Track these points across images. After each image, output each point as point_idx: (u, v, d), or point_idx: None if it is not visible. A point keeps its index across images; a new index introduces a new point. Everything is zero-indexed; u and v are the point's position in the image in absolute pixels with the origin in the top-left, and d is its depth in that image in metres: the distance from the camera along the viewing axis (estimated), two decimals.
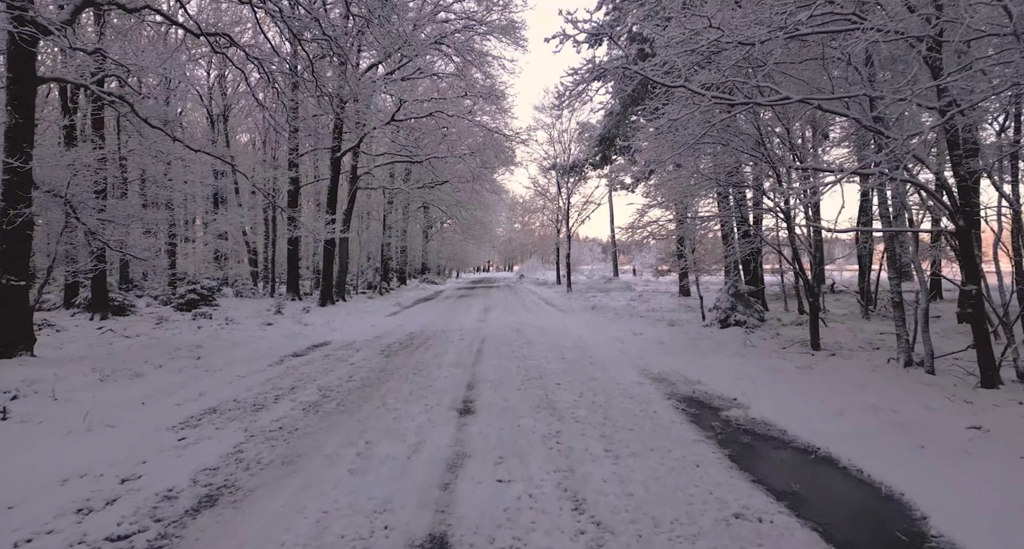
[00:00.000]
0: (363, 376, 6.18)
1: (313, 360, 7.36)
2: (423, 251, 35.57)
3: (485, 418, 4.44)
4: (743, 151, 7.87)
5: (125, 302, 13.32)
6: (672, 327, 10.78)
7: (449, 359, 7.17)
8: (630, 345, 8.66)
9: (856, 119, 5.77)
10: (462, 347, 8.17)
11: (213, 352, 7.59)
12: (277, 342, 8.82)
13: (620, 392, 5.47)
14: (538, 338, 9.23)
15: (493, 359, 7.15)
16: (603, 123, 18.95)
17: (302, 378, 6.12)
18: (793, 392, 5.38)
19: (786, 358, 7.10)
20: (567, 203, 24.28)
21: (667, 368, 6.81)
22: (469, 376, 6.08)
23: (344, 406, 4.85)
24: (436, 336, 9.56)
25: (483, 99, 14.99)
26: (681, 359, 7.41)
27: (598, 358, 7.39)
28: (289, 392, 5.44)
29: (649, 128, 9.34)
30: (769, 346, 8.22)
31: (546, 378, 6.01)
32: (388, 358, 7.37)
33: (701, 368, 6.78)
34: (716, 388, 5.75)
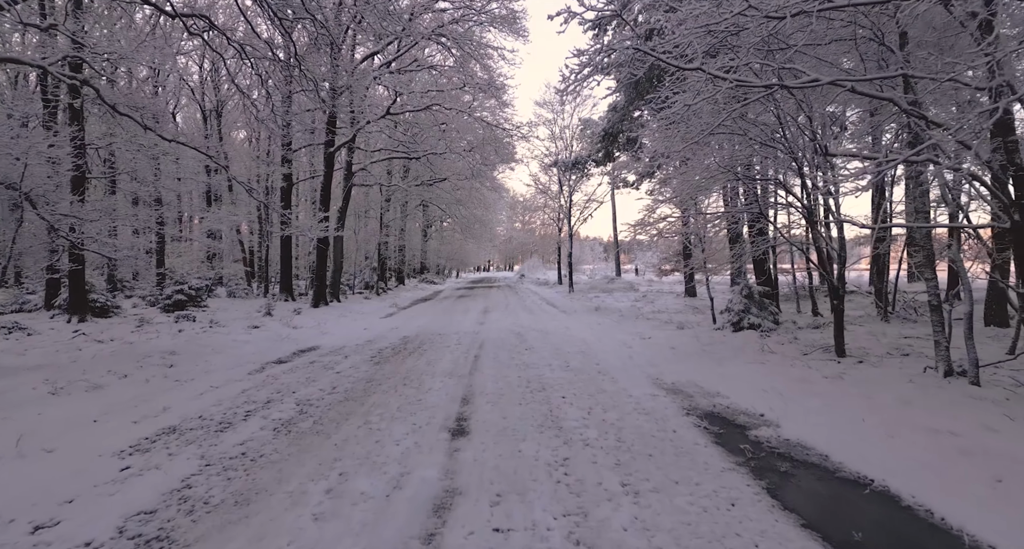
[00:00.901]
0: (348, 387, 5.61)
1: (296, 368, 6.79)
2: (422, 250, 34.98)
3: (481, 441, 3.86)
4: (761, 141, 7.29)
5: (108, 303, 12.74)
6: (681, 330, 10.20)
7: (443, 367, 6.59)
8: (639, 351, 8.08)
9: (892, 101, 5.19)
10: (458, 353, 7.59)
11: (188, 359, 7.01)
12: (261, 347, 8.25)
13: (633, 407, 4.89)
14: (540, 343, 8.65)
15: (492, 367, 6.57)
16: (607, 117, 18.38)
17: (281, 389, 5.54)
18: (827, 407, 4.80)
19: (811, 366, 6.52)
20: (569, 201, 23.68)
21: (681, 377, 6.23)
22: (464, 388, 5.50)
23: (321, 425, 4.27)
24: (431, 341, 8.98)
25: (482, 92, 14.39)
26: (695, 367, 6.84)
27: (606, 366, 6.81)
28: (263, 407, 4.86)
29: (656, 121, 8.76)
30: (788, 352, 7.63)
31: (550, 390, 5.43)
32: (378, 366, 6.79)
33: (719, 378, 6.20)
34: (739, 401, 5.17)
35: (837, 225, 7.08)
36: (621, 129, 18.84)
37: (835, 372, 6.09)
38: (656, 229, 10.32)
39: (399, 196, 25.19)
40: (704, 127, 7.18)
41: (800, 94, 7.01)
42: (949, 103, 7.55)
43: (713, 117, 7.37)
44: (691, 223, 10.08)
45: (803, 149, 7.18)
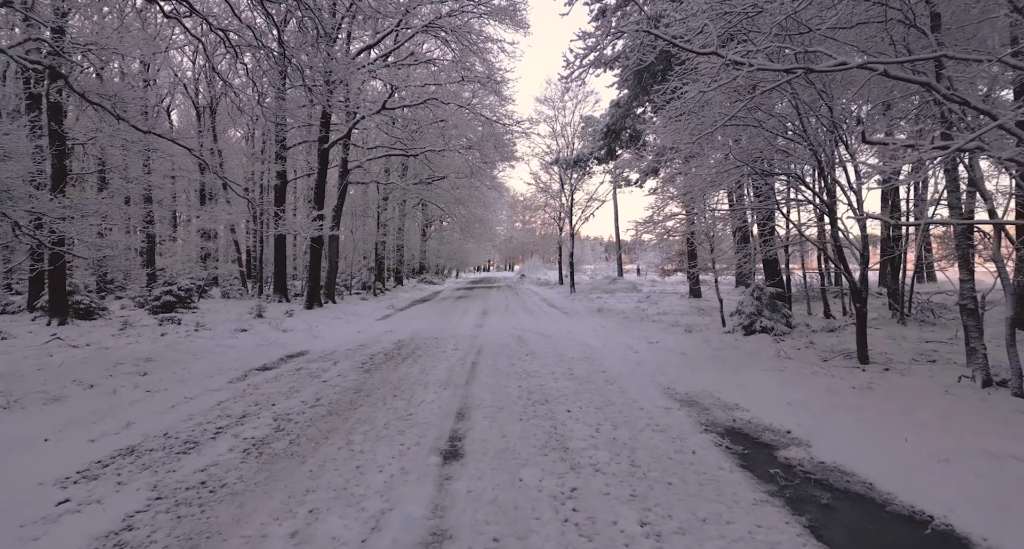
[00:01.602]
0: (333, 399, 5.14)
1: (281, 375, 6.32)
2: (421, 250, 34.51)
3: (476, 467, 3.39)
4: (777, 134, 6.82)
5: (93, 305, 12.27)
6: (690, 334, 9.72)
7: (438, 376, 6.12)
8: (647, 356, 7.61)
9: (929, 86, 4.71)
10: (455, 360, 7.13)
11: (165, 366, 6.55)
12: (246, 352, 7.79)
13: (646, 422, 4.42)
14: (542, 348, 8.18)
15: (490, 376, 6.10)
16: (609, 114, 17.91)
17: (260, 401, 5.08)
18: (861, 423, 4.33)
19: (834, 375, 6.04)
20: (570, 200, 23.21)
21: (695, 387, 5.77)
22: (460, 400, 5.03)
23: (298, 445, 3.80)
24: (427, 345, 8.51)
25: (481, 86, 13.92)
26: (709, 375, 6.37)
27: (613, 374, 6.34)
28: (237, 422, 4.39)
29: (664, 115, 8.30)
30: (807, 358, 7.16)
31: (553, 403, 4.96)
32: (368, 374, 6.33)
33: (736, 387, 5.73)
34: (761, 415, 4.70)
35: (859, 222, 6.62)
36: (624, 126, 18.38)
37: (862, 382, 5.62)
38: (663, 228, 9.84)
39: (397, 195, 24.73)
40: (716, 119, 6.72)
41: (820, 83, 6.56)
42: (977, 87, 7.09)
43: (726, 108, 6.91)
44: (700, 221, 9.61)
45: (823, 142, 6.72)
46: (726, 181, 7.01)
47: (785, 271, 10.33)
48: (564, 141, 23.01)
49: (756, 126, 6.87)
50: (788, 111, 6.85)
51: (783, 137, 6.74)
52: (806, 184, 6.67)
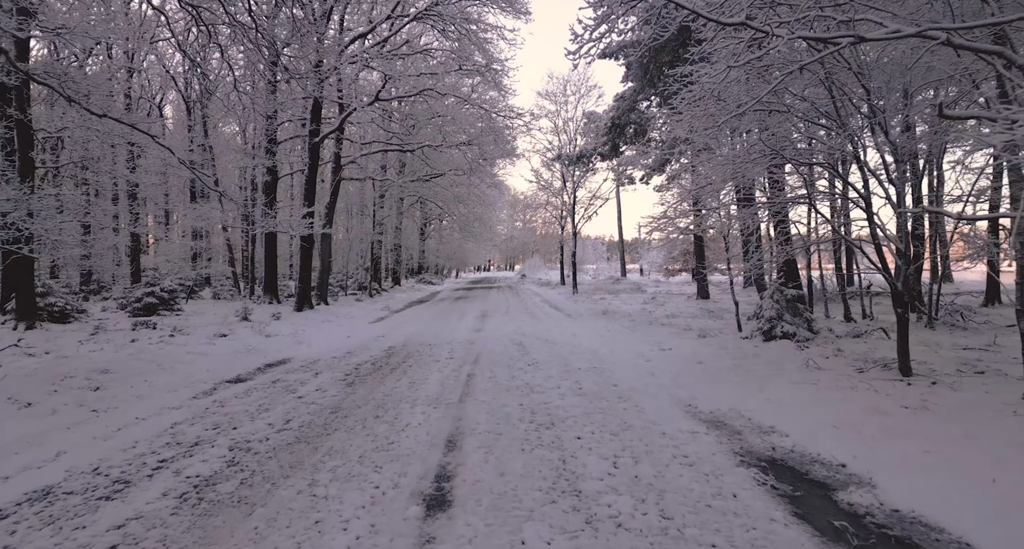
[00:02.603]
0: (305, 420, 4.44)
1: (253, 389, 5.63)
2: (420, 250, 33.80)
3: (467, 522, 2.69)
4: (807, 119, 6.12)
5: (69, 307, 11.58)
6: (704, 339, 9.02)
7: (429, 391, 5.41)
8: (660, 366, 6.91)
9: (1003, 56, 4.02)
10: (448, 371, 6.42)
11: (123, 379, 5.85)
12: (220, 361, 7.09)
13: (671, 452, 3.72)
14: (545, 356, 7.48)
15: (487, 392, 5.39)
16: (614, 108, 17.19)
17: (220, 424, 4.38)
18: (929, 455, 3.62)
19: (876, 389, 5.34)
20: (573, 197, 22.49)
21: (720, 404, 5.07)
22: (451, 423, 4.33)
23: (249, 488, 3.10)
24: (419, 353, 7.81)
25: (480, 76, 13.20)
26: (733, 388, 5.67)
27: (626, 387, 5.63)
28: (185, 453, 3.70)
29: (678, 101, 7.58)
30: (838, 368, 6.46)
31: (561, 426, 4.26)
32: (350, 388, 5.63)
33: (767, 404, 5.03)
34: (804, 442, 4.00)
35: (898, 217, 5.92)
36: (629, 120, 17.66)
37: (914, 400, 4.91)
38: (675, 226, 9.13)
39: (394, 192, 24.03)
40: (741, 103, 6.01)
41: (855, 63, 5.86)
42: None
43: (752, 92, 6.20)
44: (716, 218, 8.90)
45: (858, 128, 6.01)
46: (751, 172, 6.31)
47: (807, 271, 9.61)
48: (566, 137, 22.32)
49: (784, 111, 6.16)
50: (818, 95, 6.14)
51: (814, 123, 6.04)
52: (839, 175, 5.96)
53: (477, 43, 13.26)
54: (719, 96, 6.37)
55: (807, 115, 6.13)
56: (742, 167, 6.13)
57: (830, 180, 6.96)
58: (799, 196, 6.60)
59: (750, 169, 6.22)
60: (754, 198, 10.16)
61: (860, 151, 5.91)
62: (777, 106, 6.13)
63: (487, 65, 12.40)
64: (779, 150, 5.73)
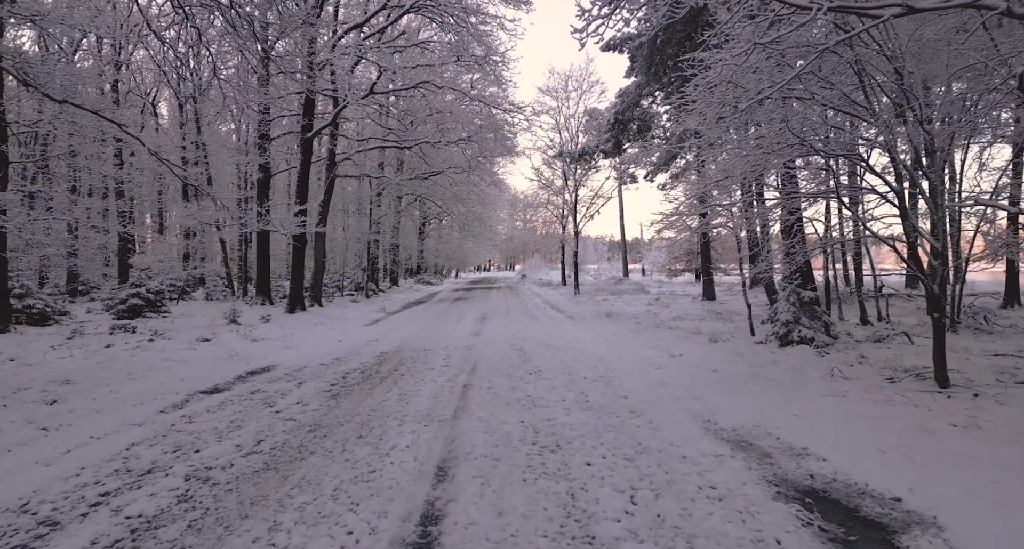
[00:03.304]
0: (279, 441, 3.94)
1: (229, 402, 5.13)
2: (418, 249, 33.28)
3: None
4: (835, 107, 5.60)
5: (49, 309, 11.09)
6: (715, 344, 8.52)
7: (420, 405, 4.90)
8: (672, 374, 6.41)
9: None
10: (443, 381, 5.91)
11: (87, 391, 5.35)
12: (199, 369, 6.59)
13: (695, 482, 3.22)
14: (547, 363, 6.97)
15: (485, 406, 4.89)
16: (617, 103, 16.68)
17: (182, 445, 3.88)
18: (999, 486, 3.11)
19: (916, 403, 4.83)
20: (574, 196, 21.97)
21: (743, 419, 4.56)
22: (443, 445, 3.82)
23: (196, 532, 2.60)
24: (413, 359, 7.30)
25: (479, 67, 12.68)
26: (755, 400, 5.17)
27: (637, 400, 5.13)
28: (134, 484, 3.20)
29: (688, 90, 7.07)
30: (866, 377, 5.95)
31: (566, 448, 3.76)
32: (334, 400, 5.12)
33: (795, 420, 4.53)
34: (845, 467, 3.50)
35: (934, 213, 5.41)
36: (632, 117, 17.15)
37: (961, 416, 4.40)
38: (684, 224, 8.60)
39: (392, 191, 23.51)
40: (759, 89, 5.50)
41: (888, 46, 5.36)
42: None
43: (771, 77, 5.69)
44: (729, 215, 8.38)
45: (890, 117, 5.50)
46: (771, 163, 5.80)
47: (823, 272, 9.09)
48: (568, 134, 21.80)
49: (807, 98, 5.65)
50: (844, 81, 5.63)
51: (841, 111, 5.53)
52: (869, 167, 5.46)
53: (476, 35, 12.76)
54: (737, 83, 5.86)
55: (832, 102, 5.62)
56: (763, 158, 5.63)
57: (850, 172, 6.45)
58: (825, 190, 6.09)
59: (771, 160, 5.72)
60: (763, 195, 9.66)
61: (894, 141, 5.40)
62: (801, 93, 5.63)
63: (486, 56, 11.87)
64: (807, 139, 5.21)
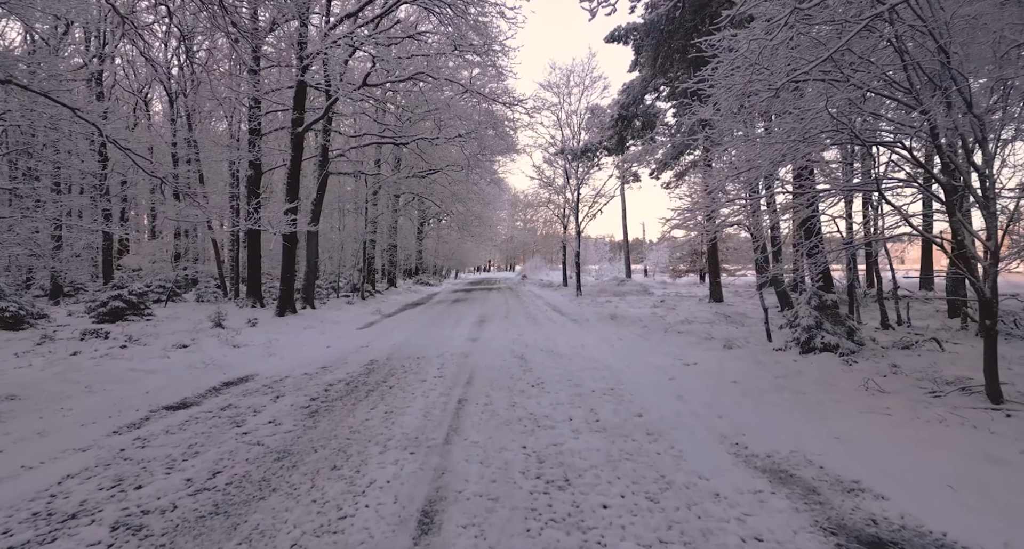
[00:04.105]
0: (238, 473, 3.35)
1: (192, 420, 4.54)
2: (416, 249, 32.68)
3: None
4: (873, 90, 5.02)
5: (24, 312, 10.52)
6: (731, 351, 7.93)
7: (407, 426, 4.31)
8: (688, 386, 5.81)
9: None
10: (436, 395, 5.32)
11: (35, 408, 4.76)
12: (168, 380, 6.00)
13: (736, 532, 2.63)
14: (551, 373, 6.38)
15: (481, 426, 4.29)
16: (622, 97, 16.08)
17: (124, 478, 3.29)
18: None
19: (973, 423, 4.24)
20: (576, 195, 21.37)
21: (778, 443, 3.97)
22: (431, 481, 3.23)
23: None
24: (404, 369, 6.71)
25: (479, 57, 12.09)
26: (785, 419, 4.58)
27: (653, 418, 4.54)
28: (48, 536, 2.61)
29: (706, 75, 6.48)
30: (905, 390, 5.37)
31: (577, 484, 3.16)
32: (311, 419, 4.53)
33: (836, 443, 3.94)
34: (915, 511, 2.91)
35: (985, 209, 4.84)
36: (637, 112, 16.56)
37: None
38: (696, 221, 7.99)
39: (389, 189, 22.93)
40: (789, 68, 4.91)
41: (935, 21, 4.78)
42: None
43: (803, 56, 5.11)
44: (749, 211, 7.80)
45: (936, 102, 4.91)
46: (802, 153, 5.20)
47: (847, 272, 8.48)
48: (570, 131, 21.20)
49: (841, 81, 5.06)
50: (886, 60, 5.05)
51: (880, 94, 4.95)
52: (912, 158, 4.87)
53: (475, 26, 12.18)
54: (763, 65, 5.27)
55: (870, 85, 5.04)
56: (793, 147, 5.04)
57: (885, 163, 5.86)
58: (866, 181, 5.50)
59: (801, 149, 5.13)
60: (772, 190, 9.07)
61: (940, 129, 4.81)
62: (834, 75, 5.04)
63: (485, 45, 11.28)
64: (847, 124, 4.62)
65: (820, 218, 6.99)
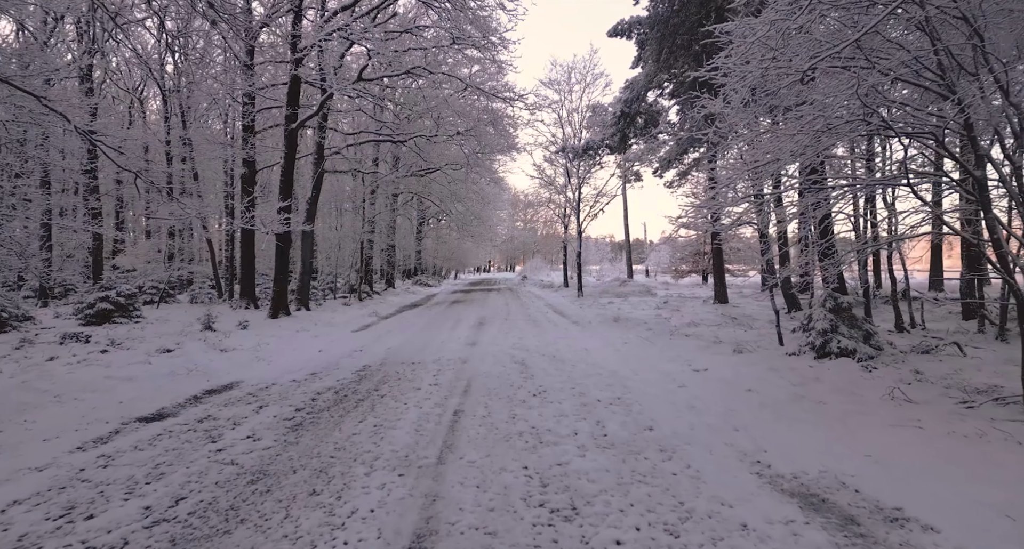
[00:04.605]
0: (204, 499, 2.99)
1: (165, 434, 4.18)
2: (415, 250, 32.30)
3: None
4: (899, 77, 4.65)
5: (7, 314, 10.15)
6: (742, 356, 7.56)
7: (397, 441, 3.94)
8: (700, 395, 5.45)
9: None
10: (430, 406, 4.95)
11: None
12: (146, 388, 5.64)
13: None
14: (553, 380, 6.01)
15: (478, 443, 3.92)
16: (625, 93, 15.73)
17: (76, 505, 2.93)
18: None
19: (1018, 438, 3.87)
20: (577, 194, 21.00)
21: (805, 462, 3.60)
22: (420, 510, 2.86)
23: None
24: (398, 376, 6.34)
25: (478, 51, 11.73)
26: (810, 432, 4.21)
27: (666, 432, 4.17)
28: None
29: (718, 63, 6.11)
30: (935, 400, 5.00)
31: (586, 514, 2.80)
32: (294, 433, 4.17)
33: (871, 464, 3.58)
34: (973, 546, 2.54)
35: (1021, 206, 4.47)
36: (639, 109, 16.22)
37: None
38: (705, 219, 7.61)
39: (387, 188, 22.56)
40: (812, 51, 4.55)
41: (967, 3, 4.43)
42: None
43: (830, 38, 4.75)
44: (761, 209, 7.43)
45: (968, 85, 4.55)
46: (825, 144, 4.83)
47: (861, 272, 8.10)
48: (571, 129, 20.85)
49: (867, 68, 4.69)
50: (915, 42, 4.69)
51: (908, 82, 4.59)
52: (946, 151, 4.51)
53: (474, 20, 11.82)
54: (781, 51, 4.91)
55: (898, 72, 4.67)
56: (815, 138, 4.67)
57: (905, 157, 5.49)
58: (890, 176, 5.14)
59: (824, 141, 4.76)
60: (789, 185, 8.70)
61: (973, 119, 4.45)
62: (860, 61, 4.67)
63: (484, 38, 10.91)
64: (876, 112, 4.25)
65: (835, 216, 6.62)
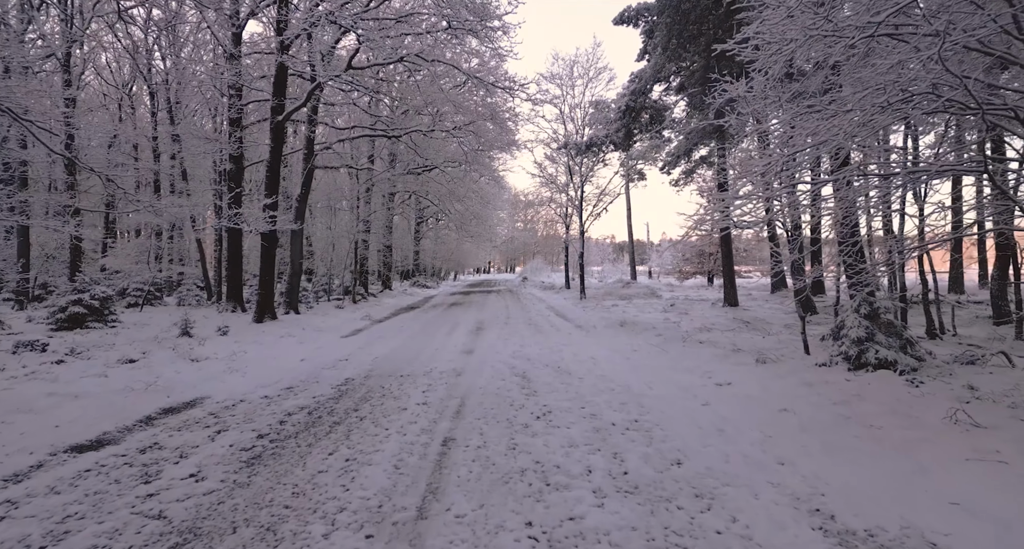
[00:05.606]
0: None
1: (95, 469, 3.46)
2: (413, 250, 31.56)
3: None
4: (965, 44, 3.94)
5: None
6: (766, 366, 6.83)
7: (371, 483, 3.21)
8: (728, 415, 4.72)
9: None
10: (415, 433, 4.21)
11: None
12: (92, 408, 4.91)
13: None
14: (559, 397, 5.28)
15: (470, 487, 3.19)
16: (630, 87, 15.01)
17: None
18: None
19: None
20: (580, 192, 20.28)
21: (879, 515, 2.88)
22: None
23: None
24: (383, 391, 5.61)
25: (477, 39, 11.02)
26: (874, 470, 3.49)
27: (698, 468, 3.44)
28: None
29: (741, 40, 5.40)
30: (1006, 424, 4.27)
31: None
32: (248, 469, 3.44)
33: (962, 515, 2.86)
34: None
35: None
36: (645, 104, 15.51)
37: None
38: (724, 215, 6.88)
39: (383, 186, 21.83)
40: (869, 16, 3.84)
41: None
42: None
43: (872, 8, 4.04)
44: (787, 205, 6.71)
45: None
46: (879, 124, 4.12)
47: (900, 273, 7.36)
48: (573, 125, 20.11)
49: (931, 34, 3.96)
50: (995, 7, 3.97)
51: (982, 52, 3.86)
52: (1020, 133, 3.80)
53: (472, 8, 11.12)
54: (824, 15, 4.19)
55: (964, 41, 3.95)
56: (870, 117, 3.95)
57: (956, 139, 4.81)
58: (970, 161, 4.41)
59: (878, 121, 4.04)
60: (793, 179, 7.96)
61: None
62: (924, 28, 3.95)
63: (480, 21, 10.20)
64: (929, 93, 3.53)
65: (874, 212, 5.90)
